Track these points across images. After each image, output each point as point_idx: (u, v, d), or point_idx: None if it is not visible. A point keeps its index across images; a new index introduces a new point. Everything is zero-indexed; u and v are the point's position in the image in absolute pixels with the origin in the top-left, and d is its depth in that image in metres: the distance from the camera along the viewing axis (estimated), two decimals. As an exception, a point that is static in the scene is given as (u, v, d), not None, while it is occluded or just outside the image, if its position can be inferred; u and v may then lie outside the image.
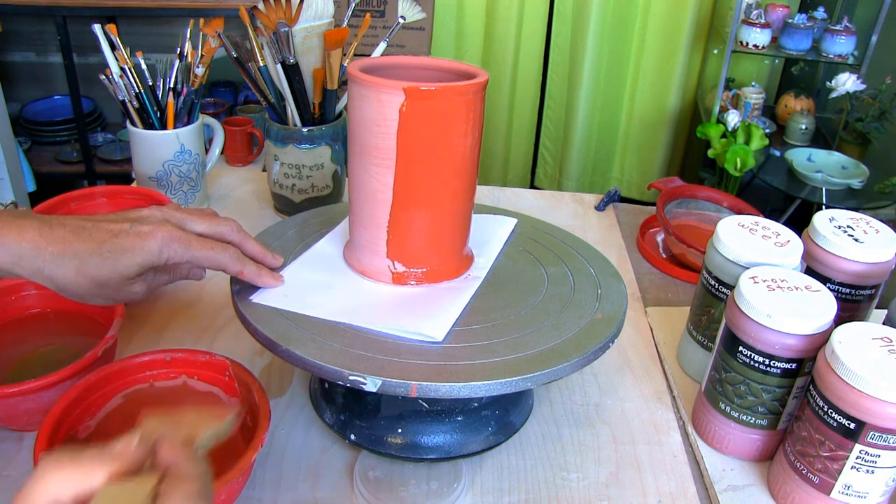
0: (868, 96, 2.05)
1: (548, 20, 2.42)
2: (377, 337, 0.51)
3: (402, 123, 0.52)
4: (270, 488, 0.55)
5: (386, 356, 0.49)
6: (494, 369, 0.48)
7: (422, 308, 0.55)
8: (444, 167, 0.54)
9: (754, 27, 2.08)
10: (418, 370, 0.48)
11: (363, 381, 0.47)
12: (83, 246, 0.49)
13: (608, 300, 0.59)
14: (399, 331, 0.52)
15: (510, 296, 0.58)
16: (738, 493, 0.57)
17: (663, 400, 0.68)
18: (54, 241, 0.48)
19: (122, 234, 0.50)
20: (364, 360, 0.48)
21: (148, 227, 0.51)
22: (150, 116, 0.87)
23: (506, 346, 0.51)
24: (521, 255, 0.65)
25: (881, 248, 0.62)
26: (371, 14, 1.69)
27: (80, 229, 0.49)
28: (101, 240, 0.49)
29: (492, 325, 0.54)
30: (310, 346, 0.49)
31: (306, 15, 0.80)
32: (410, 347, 0.50)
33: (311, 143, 0.87)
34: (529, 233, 0.69)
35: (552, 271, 0.63)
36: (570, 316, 0.56)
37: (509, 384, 0.48)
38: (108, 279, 0.50)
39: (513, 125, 2.60)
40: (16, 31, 2.49)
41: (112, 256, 0.49)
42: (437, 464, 0.57)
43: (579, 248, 0.67)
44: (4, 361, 0.63)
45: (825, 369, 0.50)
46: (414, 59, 0.59)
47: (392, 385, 0.46)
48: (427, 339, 0.51)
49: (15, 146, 2.17)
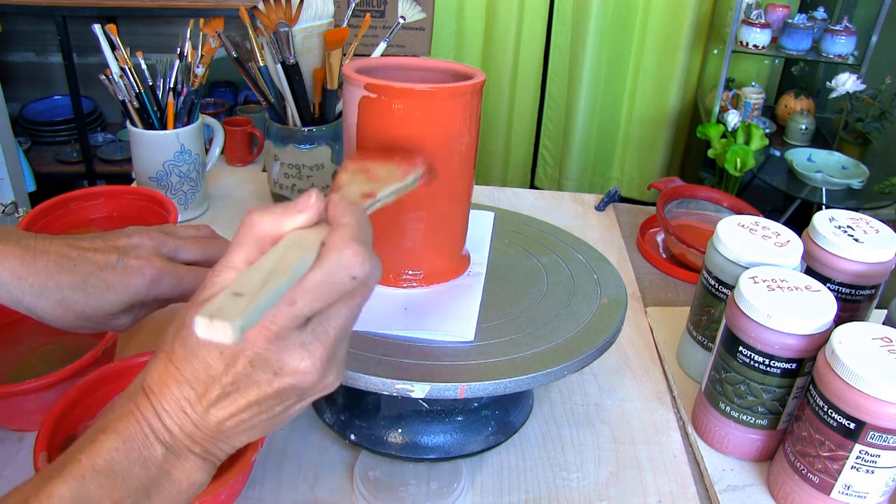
0: (868, 96, 2.05)
1: (548, 20, 2.42)
2: (404, 342, 0.51)
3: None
4: (270, 488, 0.55)
5: (423, 360, 0.49)
6: (533, 361, 0.50)
7: (438, 309, 0.55)
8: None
9: (754, 27, 2.08)
10: (463, 371, 0.48)
11: (411, 388, 0.47)
12: (66, 279, 0.47)
13: (607, 284, 0.61)
14: (428, 334, 0.52)
15: (515, 288, 0.59)
16: (738, 493, 0.57)
17: (663, 400, 0.68)
18: (36, 272, 0.46)
19: (109, 268, 0.48)
20: (404, 367, 0.48)
21: (136, 263, 0.48)
22: (150, 116, 0.87)
23: (534, 338, 0.53)
24: (509, 248, 0.66)
25: (881, 248, 0.62)
26: (371, 14, 1.69)
27: (64, 259, 0.47)
28: (86, 273, 0.47)
29: (512, 319, 0.55)
30: (348, 360, 0.48)
31: (306, 15, 0.80)
32: (443, 350, 0.51)
33: (312, 143, 0.87)
34: (509, 225, 0.70)
35: (544, 261, 0.64)
36: (579, 303, 0.58)
37: (553, 374, 0.50)
38: (92, 314, 0.48)
39: (513, 125, 2.60)
40: (16, 31, 2.49)
41: (96, 292, 0.47)
42: (437, 464, 0.57)
43: (559, 235, 0.69)
44: (4, 361, 0.63)
45: (825, 369, 0.50)
46: (411, 60, 0.59)
47: (440, 389, 0.47)
48: (458, 339, 0.52)
49: (15, 146, 2.17)
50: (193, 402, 0.35)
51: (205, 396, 0.35)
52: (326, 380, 0.37)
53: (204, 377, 0.35)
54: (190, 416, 0.35)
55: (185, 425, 0.36)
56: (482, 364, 0.49)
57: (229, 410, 0.35)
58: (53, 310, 0.47)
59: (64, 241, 0.49)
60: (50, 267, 0.46)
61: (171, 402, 0.35)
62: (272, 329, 0.33)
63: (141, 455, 0.35)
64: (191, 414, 0.35)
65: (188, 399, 0.35)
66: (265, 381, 0.35)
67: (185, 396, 0.35)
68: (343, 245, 0.34)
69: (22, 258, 0.46)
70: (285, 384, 0.35)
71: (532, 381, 0.49)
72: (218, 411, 0.35)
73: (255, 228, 0.35)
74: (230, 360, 0.34)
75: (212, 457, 0.37)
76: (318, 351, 0.35)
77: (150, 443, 0.35)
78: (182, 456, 0.36)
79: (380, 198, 0.42)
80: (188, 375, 0.35)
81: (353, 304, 0.36)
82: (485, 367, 0.49)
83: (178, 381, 0.35)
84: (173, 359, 0.36)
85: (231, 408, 0.35)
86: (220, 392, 0.35)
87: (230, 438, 0.37)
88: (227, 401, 0.35)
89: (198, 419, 0.36)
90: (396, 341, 0.51)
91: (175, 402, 0.35)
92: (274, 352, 0.34)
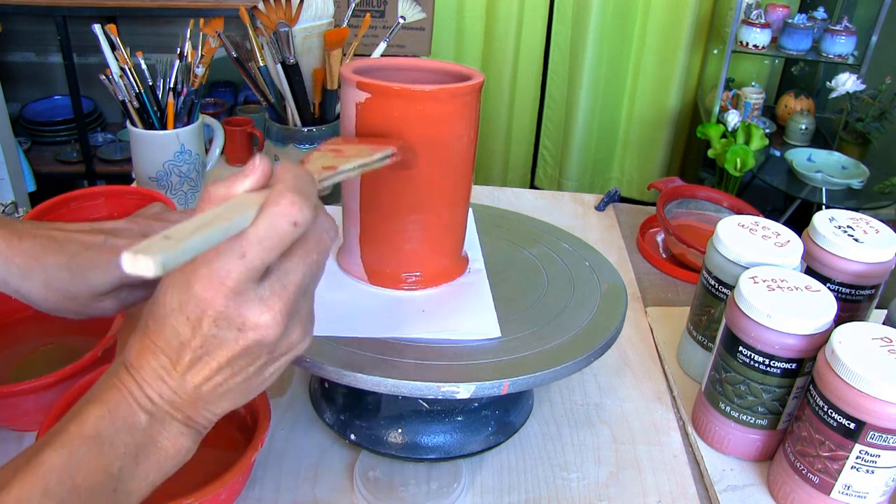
0: (868, 96, 2.05)
1: (548, 20, 2.42)
2: (431, 344, 0.52)
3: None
4: (270, 488, 0.55)
5: (459, 361, 0.50)
6: (563, 351, 0.51)
7: (455, 309, 0.56)
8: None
9: (754, 27, 2.08)
10: (502, 367, 0.49)
11: (457, 389, 0.47)
12: (52, 259, 0.47)
13: (600, 271, 0.63)
14: (458, 335, 0.52)
15: (518, 281, 0.60)
16: (738, 493, 0.57)
17: (663, 400, 0.68)
18: (22, 253, 0.46)
19: (95, 247, 0.48)
20: (443, 369, 0.49)
21: (122, 242, 0.49)
22: (150, 116, 0.87)
23: (555, 329, 0.54)
24: (497, 242, 0.66)
25: (881, 248, 0.62)
26: (371, 14, 1.69)
27: (50, 241, 0.48)
28: (72, 253, 0.47)
29: (526, 311, 0.56)
30: (385, 368, 0.49)
31: (306, 15, 0.80)
32: (474, 348, 0.51)
33: (312, 143, 0.87)
34: (489, 220, 0.71)
35: (535, 252, 0.65)
36: (583, 291, 0.59)
37: (584, 360, 0.52)
38: (76, 293, 0.48)
39: (513, 125, 2.60)
40: (16, 31, 2.49)
41: (81, 271, 0.47)
42: (437, 464, 0.57)
43: (537, 225, 0.70)
44: (4, 361, 0.63)
45: (825, 369, 0.50)
46: (409, 61, 0.59)
47: (485, 388, 0.47)
48: (485, 338, 0.52)
49: (15, 146, 2.17)
50: (169, 370, 0.37)
51: (178, 363, 0.37)
52: (291, 336, 0.39)
53: (175, 344, 0.36)
54: (168, 383, 0.37)
55: (165, 393, 0.37)
56: (516, 359, 0.50)
57: (203, 374, 0.37)
58: (39, 290, 0.47)
59: (51, 225, 0.49)
60: (36, 248, 0.47)
61: (149, 371, 0.37)
62: (229, 285, 0.35)
63: (126, 422, 0.37)
64: (168, 381, 0.37)
65: (164, 367, 0.37)
66: (231, 338, 0.36)
67: (161, 365, 0.37)
68: (279, 196, 0.35)
69: (9, 240, 0.47)
70: (250, 340, 0.36)
71: (570, 369, 0.51)
72: (193, 376, 0.37)
73: (210, 195, 0.37)
74: (195, 322, 0.36)
75: (195, 423, 0.39)
76: (276, 305, 0.36)
77: (133, 411, 0.37)
78: (165, 423, 0.38)
79: (340, 170, 0.43)
80: (161, 345, 0.37)
81: (310, 260, 0.38)
82: (519, 361, 0.50)
83: (154, 351, 0.37)
84: (147, 332, 0.37)
85: (204, 371, 0.37)
86: (192, 356, 0.36)
87: (210, 404, 0.39)
88: (199, 364, 0.37)
89: (175, 385, 0.37)
90: (423, 344, 0.52)
91: (153, 371, 0.37)
92: (234, 308, 0.35)
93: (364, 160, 0.46)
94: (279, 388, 0.65)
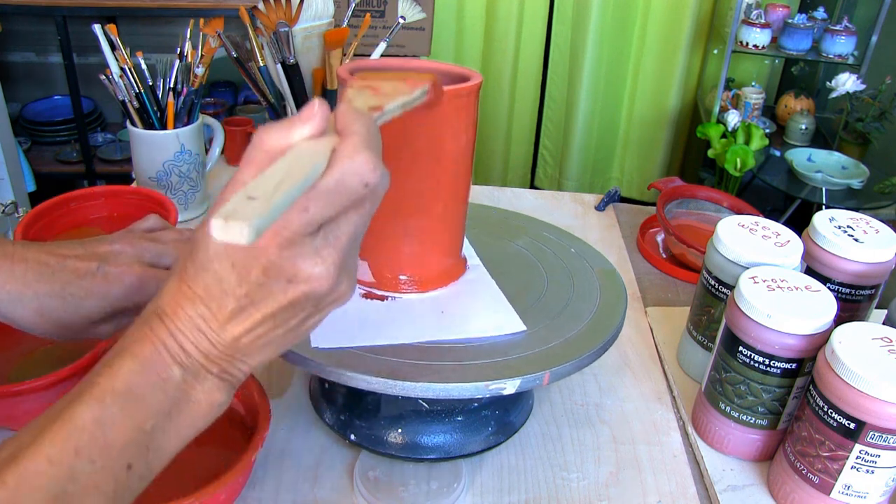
0: (868, 96, 2.05)
1: (548, 20, 2.42)
2: (460, 344, 0.52)
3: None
4: (270, 488, 0.55)
5: (496, 357, 0.51)
6: (587, 337, 0.54)
7: (473, 308, 0.56)
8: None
9: (754, 27, 2.08)
10: (540, 358, 0.51)
11: (503, 386, 0.48)
12: (44, 287, 0.46)
13: (587, 257, 0.65)
14: (481, 332, 0.53)
15: (518, 275, 0.61)
16: (738, 493, 0.57)
17: (663, 400, 0.68)
18: (13, 280, 0.45)
19: (88, 275, 0.47)
20: (485, 367, 0.49)
21: (116, 270, 0.47)
22: (150, 116, 0.87)
23: (571, 318, 0.56)
24: (483, 237, 0.67)
25: (881, 248, 0.62)
26: (371, 14, 1.69)
27: (42, 267, 0.46)
28: (65, 281, 0.46)
29: (538, 304, 0.57)
30: (428, 373, 0.48)
31: (306, 15, 0.80)
32: (503, 344, 0.52)
33: (311, 143, 0.87)
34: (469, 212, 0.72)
35: (521, 243, 0.66)
36: (582, 278, 0.61)
37: (611, 341, 0.54)
38: (70, 322, 0.47)
39: (513, 125, 2.60)
40: (16, 31, 2.49)
41: (75, 301, 0.46)
42: (437, 464, 0.57)
43: (515, 218, 0.72)
44: (4, 361, 0.63)
45: (825, 369, 0.50)
46: (407, 62, 0.59)
47: (529, 381, 0.49)
48: (512, 333, 0.53)
49: (15, 146, 2.17)
50: (209, 319, 0.35)
51: (219, 312, 0.35)
52: (340, 288, 0.37)
53: (217, 292, 0.34)
54: (206, 333, 0.35)
55: (201, 344, 0.35)
56: (548, 349, 0.52)
57: (245, 325, 0.35)
58: (31, 317, 0.46)
59: (43, 248, 0.48)
60: (28, 275, 0.46)
61: (185, 321, 0.35)
62: (285, 235, 0.33)
63: (160, 377, 0.35)
64: (206, 332, 0.35)
65: (203, 317, 0.35)
66: (279, 290, 0.34)
67: (199, 314, 0.35)
68: (355, 152, 0.33)
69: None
70: (299, 292, 0.35)
71: (601, 351, 0.53)
72: (234, 327, 0.35)
73: (264, 144, 0.34)
74: (243, 270, 0.34)
75: (230, 377, 0.37)
76: (330, 257, 0.35)
77: (167, 365, 0.35)
78: (200, 376, 0.36)
79: (387, 111, 0.41)
80: (201, 292, 0.35)
81: (364, 211, 0.36)
82: (552, 351, 0.51)
83: (192, 299, 0.35)
84: (185, 278, 0.35)
85: (247, 322, 0.35)
86: (235, 306, 0.35)
87: (247, 356, 0.37)
88: (242, 315, 0.35)
89: (214, 336, 0.35)
90: (452, 345, 0.52)
91: (189, 321, 0.35)
92: (287, 258, 0.34)
93: (406, 98, 0.43)
94: (279, 389, 0.65)
